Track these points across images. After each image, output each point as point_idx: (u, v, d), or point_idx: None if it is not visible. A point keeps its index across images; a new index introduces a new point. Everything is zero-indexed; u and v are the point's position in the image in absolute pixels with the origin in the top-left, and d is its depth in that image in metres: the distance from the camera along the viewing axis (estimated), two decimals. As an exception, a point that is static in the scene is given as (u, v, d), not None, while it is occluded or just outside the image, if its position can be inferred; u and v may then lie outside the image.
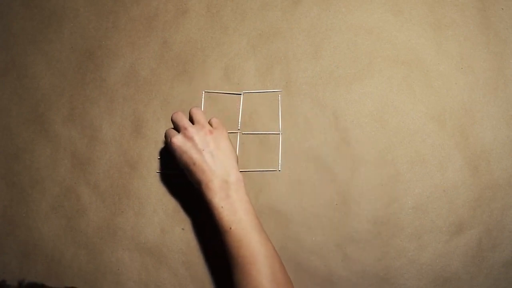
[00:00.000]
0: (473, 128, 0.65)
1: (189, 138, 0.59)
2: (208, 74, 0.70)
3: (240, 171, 0.67)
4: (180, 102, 0.70)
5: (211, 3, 0.72)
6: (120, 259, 0.67)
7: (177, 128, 0.61)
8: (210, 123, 0.62)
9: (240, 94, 0.69)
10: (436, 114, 0.66)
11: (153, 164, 0.69)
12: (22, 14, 0.75)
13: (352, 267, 0.64)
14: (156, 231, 0.67)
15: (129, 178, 0.69)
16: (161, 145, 0.69)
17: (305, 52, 0.69)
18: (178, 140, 0.59)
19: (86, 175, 0.69)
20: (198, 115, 0.61)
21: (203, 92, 0.70)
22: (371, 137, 0.66)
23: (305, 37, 0.69)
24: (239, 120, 0.69)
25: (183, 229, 0.67)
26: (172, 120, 0.62)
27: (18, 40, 0.74)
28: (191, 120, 0.62)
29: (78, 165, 0.70)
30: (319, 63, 0.69)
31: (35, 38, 0.74)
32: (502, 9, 0.68)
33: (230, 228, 0.54)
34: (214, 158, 0.57)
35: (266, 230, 0.58)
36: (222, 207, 0.55)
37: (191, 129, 0.59)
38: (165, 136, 0.62)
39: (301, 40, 0.69)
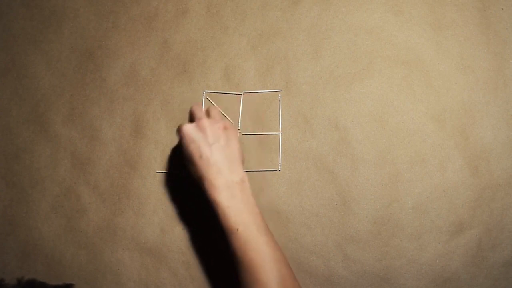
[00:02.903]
0: (473, 128, 0.65)
1: (202, 129, 0.56)
2: (208, 74, 0.70)
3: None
4: (180, 102, 0.70)
5: (211, 3, 0.72)
6: (120, 259, 0.67)
7: (192, 121, 0.60)
8: None
9: (240, 94, 0.69)
10: (436, 114, 0.66)
11: (153, 164, 0.69)
12: (22, 14, 0.75)
13: (352, 267, 0.64)
14: (156, 231, 0.67)
15: (129, 178, 0.69)
16: (161, 145, 0.69)
17: (305, 52, 0.69)
18: (189, 128, 0.57)
19: (86, 175, 0.69)
20: (214, 111, 0.60)
21: (203, 92, 0.70)
22: (371, 137, 0.66)
23: (305, 37, 0.69)
24: (239, 120, 0.69)
25: (183, 229, 0.67)
26: (190, 111, 0.60)
27: (18, 40, 0.74)
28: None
29: (78, 165, 0.70)
30: (319, 63, 0.69)
31: (35, 38, 0.74)
32: (502, 9, 0.68)
33: (237, 229, 0.52)
34: (222, 155, 0.55)
35: (266, 230, 0.58)
36: (228, 207, 0.53)
37: (205, 121, 0.57)
38: (178, 128, 0.59)
39: (301, 40, 0.69)
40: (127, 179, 0.69)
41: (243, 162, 0.58)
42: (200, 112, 0.59)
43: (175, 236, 0.67)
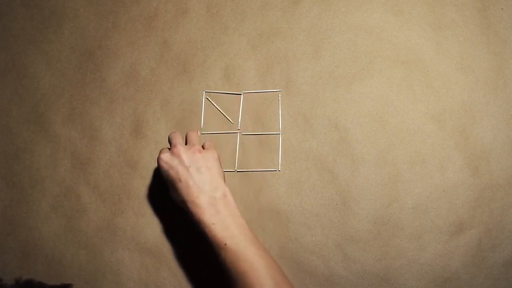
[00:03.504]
0: (473, 128, 0.65)
1: (177, 155, 0.58)
2: (208, 74, 0.70)
3: (240, 171, 0.67)
4: (180, 102, 0.70)
5: (211, 3, 0.72)
6: (120, 259, 0.67)
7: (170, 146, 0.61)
8: (202, 146, 0.63)
9: (240, 94, 0.69)
10: (436, 114, 0.66)
11: (153, 164, 0.69)
12: (22, 14, 0.75)
13: (352, 267, 0.64)
14: (156, 231, 0.67)
15: (129, 178, 0.69)
16: (161, 145, 0.69)
17: (305, 52, 0.69)
18: (165, 156, 0.59)
19: (86, 175, 0.69)
20: (191, 136, 0.62)
21: (203, 92, 0.70)
22: (371, 137, 0.66)
23: (305, 37, 0.69)
24: (239, 120, 0.69)
25: (183, 229, 0.67)
26: (168, 138, 0.62)
27: (18, 40, 0.74)
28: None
29: (78, 165, 0.70)
30: (319, 63, 0.69)
31: (35, 38, 0.74)
32: (502, 9, 0.68)
33: (225, 244, 0.53)
34: (200, 175, 0.57)
35: (266, 230, 0.58)
36: (213, 223, 0.54)
37: (180, 147, 0.59)
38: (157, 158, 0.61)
39: (301, 40, 0.69)
40: (127, 179, 0.69)
41: (223, 178, 0.59)
42: (175, 139, 0.60)
43: (175, 236, 0.67)
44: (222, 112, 0.69)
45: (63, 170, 0.70)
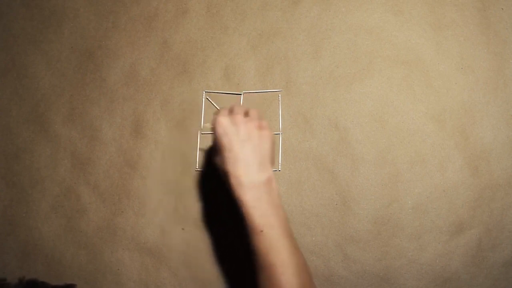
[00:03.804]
0: (473, 128, 0.65)
1: (236, 123, 0.55)
2: (208, 74, 0.70)
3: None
4: (180, 102, 0.70)
5: (211, 3, 0.72)
6: (120, 259, 0.67)
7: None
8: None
9: (240, 94, 0.69)
10: (436, 114, 0.66)
11: (153, 164, 0.69)
12: (22, 14, 0.75)
13: (352, 267, 0.64)
14: (156, 231, 0.67)
15: (129, 178, 0.69)
16: (161, 145, 0.69)
17: (305, 52, 0.69)
18: (224, 120, 0.55)
19: (86, 175, 0.69)
20: (253, 111, 0.59)
21: (203, 92, 0.70)
22: (371, 137, 0.66)
23: (305, 37, 0.69)
24: (239, 120, 0.69)
25: (183, 229, 0.67)
26: (230, 106, 0.59)
27: (18, 40, 0.74)
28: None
29: (78, 165, 0.70)
30: (319, 63, 0.69)
31: (35, 38, 0.74)
32: (502, 9, 0.68)
33: (262, 231, 0.51)
34: (252, 153, 0.54)
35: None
36: (254, 207, 0.52)
37: (241, 117, 0.56)
38: (213, 119, 0.57)
39: (301, 40, 0.69)
40: (127, 179, 0.69)
41: (273, 163, 0.57)
42: (238, 109, 0.57)
43: (175, 236, 0.67)
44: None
45: (63, 170, 0.70)
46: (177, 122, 0.69)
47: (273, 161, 0.56)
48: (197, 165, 0.68)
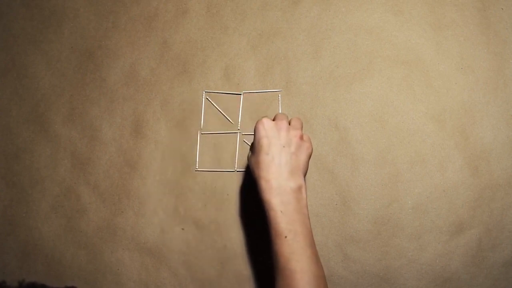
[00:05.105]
0: (473, 128, 0.65)
1: (279, 129, 0.56)
2: (208, 74, 0.70)
3: (240, 171, 0.67)
4: (180, 102, 0.70)
5: (211, 3, 0.72)
6: (120, 259, 0.67)
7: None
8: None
9: (240, 94, 0.69)
10: (436, 114, 0.66)
11: (153, 164, 0.69)
12: (22, 14, 0.75)
13: (352, 267, 0.64)
14: (156, 231, 0.67)
15: (129, 178, 0.69)
16: (161, 145, 0.69)
17: (305, 52, 0.69)
18: (268, 123, 0.56)
19: (86, 175, 0.69)
20: (297, 121, 0.59)
21: (203, 92, 0.70)
22: (371, 137, 0.66)
23: (305, 37, 0.69)
24: (239, 120, 0.69)
25: (183, 229, 0.67)
26: (276, 115, 0.60)
27: (18, 40, 0.74)
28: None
29: (78, 165, 0.70)
30: (319, 63, 0.69)
31: (35, 38, 0.74)
32: (502, 9, 0.68)
33: (286, 236, 0.51)
34: (288, 160, 0.55)
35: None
36: (281, 211, 0.52)
37: (286, 124, 0.57)
38: (258, 121, 0.58)
39: (301, 40, 0.69)
40: (127, 179, 0.69)
41: (304, 174, 0.57)
42: (283, 116, 0.59)
43: (175, 236, 0.67)
44: (222, 112, 0.69)
45: (63, 170, 0.70)
46: (177, 122, 0.69)
47: (305, 172, 0.57)
48: (197, 165, 0.68)
